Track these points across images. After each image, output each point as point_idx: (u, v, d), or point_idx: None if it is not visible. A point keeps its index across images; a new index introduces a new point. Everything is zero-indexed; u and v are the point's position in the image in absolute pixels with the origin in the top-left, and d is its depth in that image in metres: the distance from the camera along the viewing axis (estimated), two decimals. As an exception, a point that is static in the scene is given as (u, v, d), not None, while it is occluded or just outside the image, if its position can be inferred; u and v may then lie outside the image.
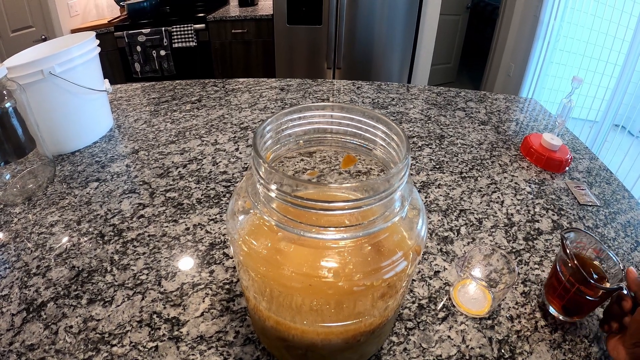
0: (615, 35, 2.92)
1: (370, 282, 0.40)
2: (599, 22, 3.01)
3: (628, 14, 2.80)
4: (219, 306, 0.66)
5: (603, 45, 3.01)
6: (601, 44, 3.02)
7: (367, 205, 0.36)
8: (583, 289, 0.62)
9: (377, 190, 0.36)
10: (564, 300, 0.65)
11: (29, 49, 1.13)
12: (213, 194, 0.91)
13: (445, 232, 0.83)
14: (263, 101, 1.39)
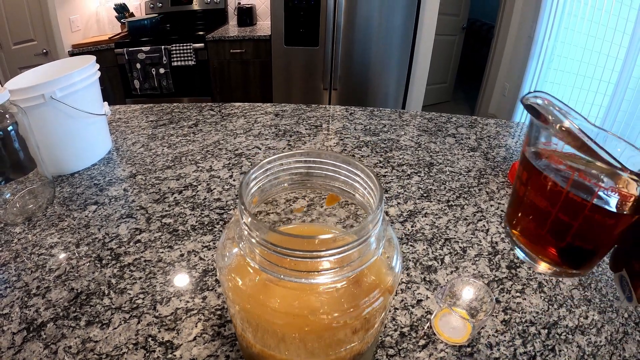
0: (608, 53, 2.97)
1: (347, 319, 0.44)
2: (592, 41, 3.07)
3: (621, 32, 2.86)
4: (210, 331, 0.69)
5: (597, 64, 3.06)
6: (595, 62, 3.07)
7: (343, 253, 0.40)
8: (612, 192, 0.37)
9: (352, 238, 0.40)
10: (568, 236, 0.40)
11: (29, 71, 1.16)
12: (207, 221, 0.94)
13: (429, 261, 0.86)
14: (258, 127, 1.42)
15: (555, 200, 0.39)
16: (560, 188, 0.38)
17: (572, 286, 0.81)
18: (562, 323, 0.73)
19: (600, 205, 0.36)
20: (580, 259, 0.42)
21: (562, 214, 0.39)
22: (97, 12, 3.94)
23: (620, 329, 0.73)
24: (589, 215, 0.37)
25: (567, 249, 0.41)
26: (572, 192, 0.37)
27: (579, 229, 0.39)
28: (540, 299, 0.78)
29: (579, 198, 0.37)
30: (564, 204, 0.38)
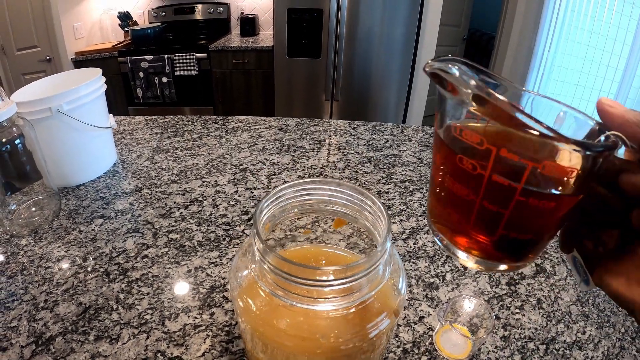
0: (608, 64, 2.99)
1: (355, 343, 0.45)
2: (592, 51, 3.08)
3: (621, 43, 2.88)
4: (219, 347, 0.70)
5: (597, 75, 3.08)
6: (595, 73, 3.09)
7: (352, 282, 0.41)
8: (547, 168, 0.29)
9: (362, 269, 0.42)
10: (499, 227, 0.33)
11: (35, 82, 1.18)
12: (213, 237, 0.95)
13: (431, 278, 0.87)
14: (262, 141, 1.44)
15: (477, 186, 0.32)
16: (480, 171, 0.31)
17: (570, 302, 0.83)
18: (560, 338, 0.75)
19: (533, 189, 0.30)
20: (520, 249, 0.35)
21: (487, 202, 0.32)
22: (101, 19, 3.96)
23: (617, 344, 0.75)
24: (522, 200, 0.30)
25: (502, 242, 0.34)
26: (496, 174, 0.30)
27: (511, 218, 0.32)
28: (539, 315, 0.79)
29: (505, 181, 0.30)
30: (487, 190, 0.31)
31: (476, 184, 0.32)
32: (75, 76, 1.22)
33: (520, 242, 0.34)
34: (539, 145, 0.28)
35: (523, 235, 0.34)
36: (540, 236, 0.35)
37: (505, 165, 0.30)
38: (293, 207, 0.53)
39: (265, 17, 4.13)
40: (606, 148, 0.28)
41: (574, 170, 0.29)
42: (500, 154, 0.29)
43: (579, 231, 0.36)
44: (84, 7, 3.76)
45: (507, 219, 0.32)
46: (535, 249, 0.36)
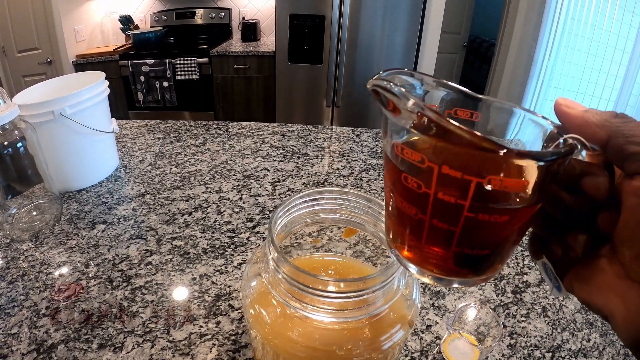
0: (608, 72, 3.00)
1: (369, 354, 0.44)
2: (592, 59, 3.10)
3: (621, 51, 2.89)
4: (225, 356, 0.69)
5: (596, 82, 3.09)
6: (595, 80, 3.10)
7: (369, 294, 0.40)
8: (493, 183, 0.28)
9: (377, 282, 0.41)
10: (452, 244, 0.32)
11: (37, 85, 1.17)
12: (218, 245, 0.94)
13: (437, 287, 0.87)
14: (265, 148, 1.43)
15: (424, 205, 0.31)
16: (425, 189, 0.30)
17: (575, 310, 0.83)
18: (565, 346, 0.75)
19: (482, 205, 0.29)
20: (479, 264, 0.34)
21: (436, 220, 0.31)
22: (102, 23, 3.96)
23: (621, 351, 0.75)
24: (472, 217, 0.29)
25: (458, 258, 0.33)
26: (441, 192, 0.29)
27: (463, 235, 0.31)
28: (544, 323, 0.79)
29: (451, 199, 0.29)
30: (435, 208, 0.30)
31: (423, 203, 0.31)
32: (78, 79, 1.21)
33: (477, 257, 0.33)
34: (481, 159, 0.28)
35: (479, 251, 0.32)
36: (499, 249, 0.33)
37: (449, 183, 0.28)
38: (306, 217, 0.53)
39: (267, 22, 4.13)
40: (558, 155, 0.27)
41: (524, 181, 0.28)
42: (442, 171, 0.28)
43: (546, 237, 0.35)
44: (86, 10, 3.76)
45: (459, 236, 0.31)
46: (496, 261, 0.34)
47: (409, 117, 0.28)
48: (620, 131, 0.28)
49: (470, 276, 0.34)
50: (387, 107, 0.30)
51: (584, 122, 0.29)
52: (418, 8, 3.19)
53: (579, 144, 0.29)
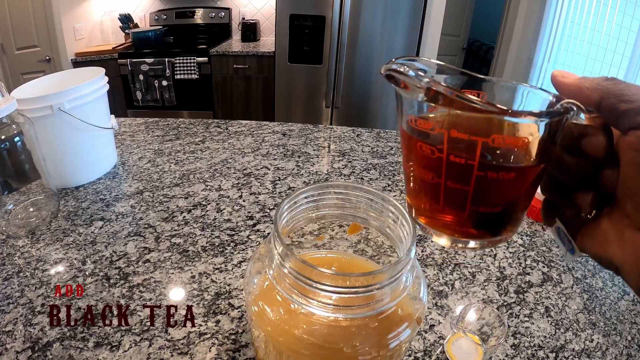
0: (607, 76, 3.00)
1: (377, 353, 0.43)
2: (591, 63, 3.11)
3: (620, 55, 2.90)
4: (225, 356, 0.68)
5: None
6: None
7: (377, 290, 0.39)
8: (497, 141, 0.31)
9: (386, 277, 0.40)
10: (467, 204, 0.35)
11: (36, 80, 1.16)
12: (218, 242, 0.93)
13: (440, 286, 0.86)
14: (265, 146, 1.42)
15: (439, 168, 0.34)
16: (438, 154, 0.33)
17: (578, 310, 0.82)
18: (569, 347, 0.74)
19: (490, 163, 0.32)
20: (494, 223, 0.37)
21: (450, 182, 0.34)
22: (102, 21, 3.95)
23: (624, 352, 0.75)
24: (481, 175, 0.32)
25: (473, 218, 0.36)
26: (453, 155, 0.32)
27: (476, 193, 0.34)
28: (547, 323, 0.79)
29: (462, 159, 0.32)
30: (448, 170, 0.33)
31: (438, 167, 0.34)
32: (78, 75, 1.20)
33: (491, 215, 0.35)
34: (484, 122, 0.31)
35: (492, 208, 0.35)
36: (511, 208, 0.36)
37: (459, 145, 0.32)
38: (312, 211, 0.51)
39: (267, 23, 4.13)
40: (552, 114, 0.31)
41: (525, 139, 0.32)
42: (451, 135, 0.31)
43: (557, 202, 0.37)
44: (85, 8, 3.75)
45: (472, 195, 0.34)
46: (509, 221, 0.37)
47: (420, 92, 0.32)
48: (611, 92, 0.31)
49: (486, 237, 0.37)
50: (399, 86, 0.34)
51: (578, 88, 0.32)
52: (418, 10, 3.19)
53: (575, 107, 0.32)
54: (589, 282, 0.91)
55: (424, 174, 0.36)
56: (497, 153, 0.32)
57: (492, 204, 0.35)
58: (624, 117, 0.30)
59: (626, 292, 0.89)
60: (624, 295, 0.88)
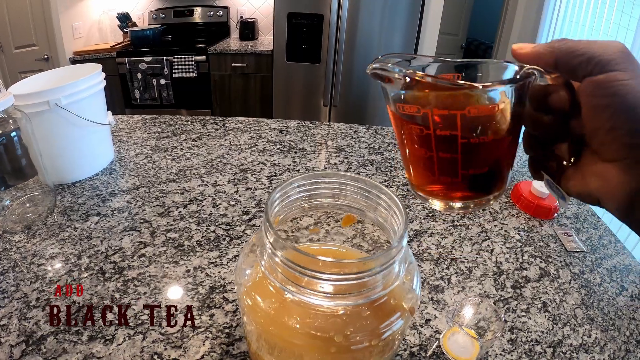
0: None
1: (369, 342, 0.43)
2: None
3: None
4: (219, 350, 0.68)
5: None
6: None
7: (368, 277, 0.39)
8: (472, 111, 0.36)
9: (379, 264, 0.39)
10: (458, 169, 0.39)
11: (33, 77, 1.16)
12: (213, 237, 0.93)
13: (436, 281, 0.86)
14: (262, 142, 1.42)
15: (429, 143, 0.39)
16: (427, 131, 0.38)
17: (575, 305, 0.83)
18: (566, 342, 0.75)
19: (470, 130, 0.37)
20: (484, 183, 0.41)
21: (442, 152, 0.39)
22: (100, 20, 3.94)
23: (623, 347, 0.75)
24: (465, 142, 0.37)
25: (466, 180, 0.40)
26: (438, 129, 0.37)
27: (464, 158, 0.38)
28: (545, 318, 0.79)
29: (447, 132, 0.37)
30: (437, 143, 0.38)
31: (428, 142, 0.39)
32: (75, 71, 1.20)
33: (481, 176, 0.40)
34: (459, 97, 0.36)
35: (480, 169, 0.40)
36: (497, 167, 0.41)
37: (442, 121, 0.37)
38: (304, 200, 0.51)
39: (265, 21, 4.12)
40: (515, 80, 0.36)
41: (495, 107, 0.36)
42: (434, 113, 0.37)
43: (540, 157, 0.42)
44: (84, 7, 3.74)
45: (461, 161, 0.38)
46: (497, 179, 0.42)
47: (401, 82, 0.37)
48: (563, 51, 0.35)
49: (482, 196, 0.42)
50: (384, 81, 0.39)
51: (536, 54, 0.37)
52: (416, 8, 3.19)
53: (536, 71, 0.37)
54: (587, 277, 0.91)
55: (418, 151, 0.40)
56: (475, 122, 0.36)
57: (479, 166, 0.40)
58: (578, 69, 0.35)
59: (624, 288, 0.89)
60: (622, 291, 0.88)
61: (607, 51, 0.34)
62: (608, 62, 0.33)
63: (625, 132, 0.33)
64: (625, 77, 0.33)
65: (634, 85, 0.32)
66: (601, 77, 0.33)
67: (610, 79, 0.33)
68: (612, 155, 0.34)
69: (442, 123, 0.37)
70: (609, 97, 0.33)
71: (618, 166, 0.34)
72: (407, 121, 0.40)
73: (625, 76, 0.33)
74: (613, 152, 0.34)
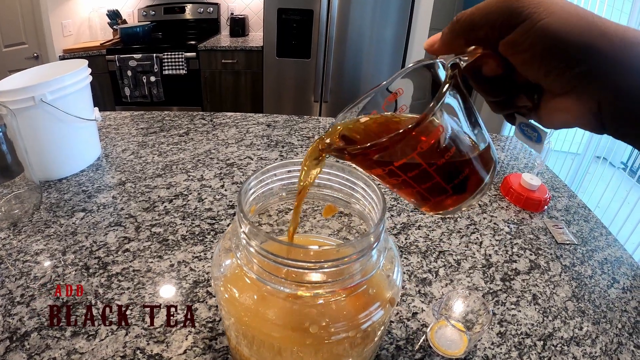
0: None
1: (347, 333, 0.42)
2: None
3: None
4: (201, 344, 0.67)
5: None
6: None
7: (345, 264, 0.38)
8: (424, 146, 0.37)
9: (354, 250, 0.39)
10: (444, 185, 0.41)
11: (19, 73, 1.15)
12: (198, 231, 0.93)
13: (424, 273, 0.85)
14: (249, 137, 1.41)
15: (409, 184, 0.40)
16: (402, 177, 0.39)
17: (566, 298, 0.83)
18: (557, 334, 0.74)
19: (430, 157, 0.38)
20: (467, 183, 0.42)
21: (422, 184, 0.40)
22: (90, 17, 3.91)
23: (615, 340, 0.75)
24: (433, 165, 0.38)
25: (457, 188, 0.42)
26: (407, 173, 0.39)
27: (444, 177, 0.40)
28: (535, 311, 0.79)
29: (416, 171, 0.38)
30: (415, 181, 0.40)
31: (408, 183, 0.40)
32: (61, 67, 1.19)
33: (464, 180, 0.41)
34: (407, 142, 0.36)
35: (463, 174, 0.41)
36: (472, 166, 0.41)
37: (405, 166, 0.38)
38: (281, 190, 0.51)
39: (255, 18, 4.11)
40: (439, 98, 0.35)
41: (439, 126, 0.37)
42: (396, 165, 0.38)
43: (509, 110, 0.43)
44: (73, 4, 3.71)
45: (443, 179, 0.39)
46: (476, 175, 0.42)
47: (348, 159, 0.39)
48: (466, 30, 0.37)
49: (473, 193, 0.43)
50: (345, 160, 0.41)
51: (446, 45, 0.39)
52: (407, 4, 3.18)
53: (457, 60, 0.37)
54: (578, 270, 0.91)
55: (405, 191, 0.42)
56: (432, 148, 0.37)
57: (458, 173, 0.40)
58: (488, 39, 0.36)
59: (616, 280, 0.89)
60: (613, 283, 0.88)
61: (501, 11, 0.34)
62: (508, 20, 0.34)
63: (561, 69, 0.33)
64: (532, 24, 0.33)
65: (543, 25, 0.32)
66: (511, 37, 0.34)
67: (519, 35, 0.34)
68: (563, 90, 0.35)
69: (407, 168, 0.38)
70: (529, 50, 0.34)
71: (572, 97, 0.35)
72: (383, 178, 0.41)
73: (532, 23, 0.33)
74: (561, 88, 0.35)
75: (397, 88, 0.45)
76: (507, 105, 0.43)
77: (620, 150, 3.16)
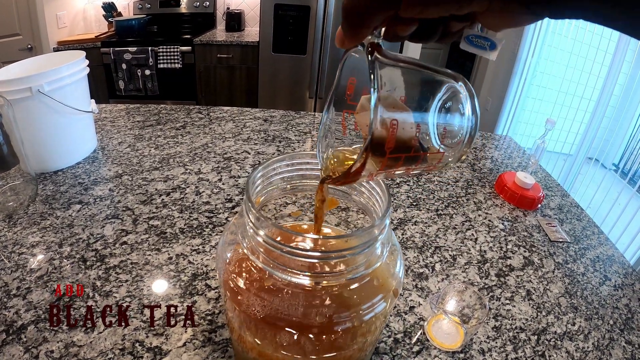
0: (590, 72, 3.07)
1: (351, 324, 0.43)
2: (574, 59, 3.14)
3: (603, 52, 2.94)
4: (201, 337, 0.67)
5: (578, 82, 3.15)
6: (576, 80, 3.16)
7: (350, 255, 0.39)
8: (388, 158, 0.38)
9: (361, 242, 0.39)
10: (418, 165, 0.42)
11: (16, 64, 1.13)
12: (196, 224, 0.92)
13: (420, 268, 0.86)
14: (247, 131, 1.41)
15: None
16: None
17: (559, 294, 0.84)
18: (550, 329, 0.75)
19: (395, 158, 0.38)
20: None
21: (404, 166, 0.41)
22: (85, 9, 3.88)
23: (607, 335, 0.76)
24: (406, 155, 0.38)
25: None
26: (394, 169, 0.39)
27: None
28: (529, 306, 0.80)
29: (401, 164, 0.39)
30: (405, 163, 0.40)
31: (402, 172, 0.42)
32: (58, 58, 1.18)
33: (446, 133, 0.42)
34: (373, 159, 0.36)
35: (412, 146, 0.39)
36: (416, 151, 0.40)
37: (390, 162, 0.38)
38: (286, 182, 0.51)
39: (251, 13, 4.09)
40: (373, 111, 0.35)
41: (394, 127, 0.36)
42: (377, 173, 0.39)
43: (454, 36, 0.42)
44: (68, -3, 3.69)
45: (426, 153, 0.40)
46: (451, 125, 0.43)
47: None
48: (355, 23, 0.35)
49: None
50: None
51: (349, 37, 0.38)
52: (404, 1, 3.18)
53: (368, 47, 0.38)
54: (571, 267, 0.91)
55: (409, 172, 0.43)
56: (399, 140, 0.37)
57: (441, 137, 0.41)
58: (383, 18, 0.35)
59: (608, 278, 0.90)
60: (605, 281, 0.89)
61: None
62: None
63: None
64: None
65: None
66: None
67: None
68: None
69: (392, 165, 0.38)
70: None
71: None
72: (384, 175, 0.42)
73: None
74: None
75: (349, 79, 0.46)
76: (446, 36, 0.41)
77: (612, 152, 3.19)
